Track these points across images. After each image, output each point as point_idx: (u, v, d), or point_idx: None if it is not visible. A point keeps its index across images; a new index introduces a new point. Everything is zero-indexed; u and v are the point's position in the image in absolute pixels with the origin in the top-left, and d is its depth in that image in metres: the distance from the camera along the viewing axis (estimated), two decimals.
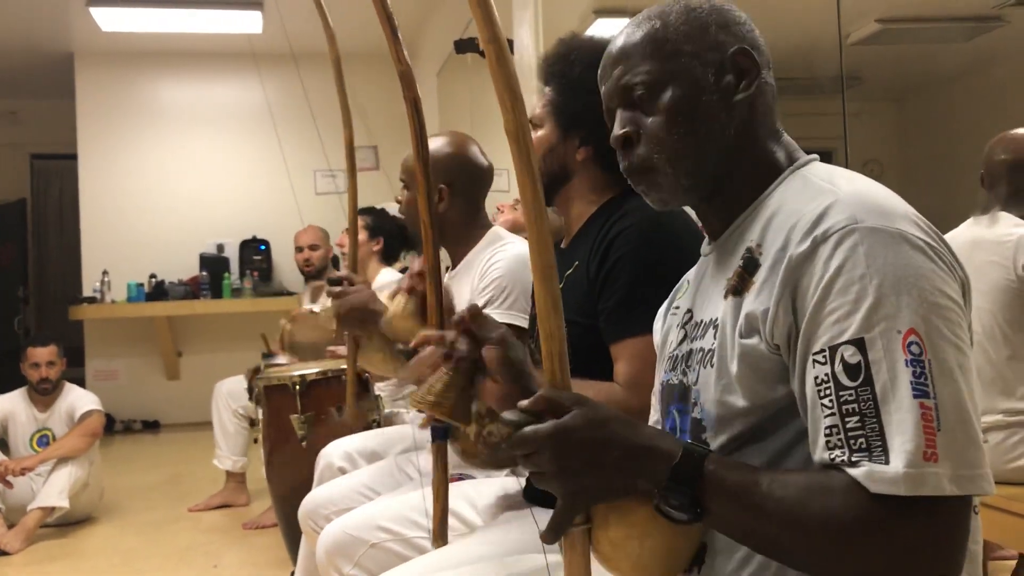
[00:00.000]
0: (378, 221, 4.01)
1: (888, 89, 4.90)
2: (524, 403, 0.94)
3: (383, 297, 1.97)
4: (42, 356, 4.26)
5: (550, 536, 0.94)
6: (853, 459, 0.82)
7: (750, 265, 0.96)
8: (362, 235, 3.47)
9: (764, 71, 1.06)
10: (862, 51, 4.41)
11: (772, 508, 0.85)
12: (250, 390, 3.60)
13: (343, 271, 2.18)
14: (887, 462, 0.80)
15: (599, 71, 1.14)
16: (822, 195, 0.92)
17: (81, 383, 5.68)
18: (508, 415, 0.94)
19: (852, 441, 0.82)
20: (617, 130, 1.07)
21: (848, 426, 0.83)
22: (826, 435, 0.84)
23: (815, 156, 1.07)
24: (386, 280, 3.52)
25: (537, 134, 1.66)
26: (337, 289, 2.06)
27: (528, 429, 0.91)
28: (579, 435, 0.90)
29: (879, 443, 0.81)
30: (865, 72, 4.46)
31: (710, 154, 1.04)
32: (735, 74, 1.04)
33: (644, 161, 1.05)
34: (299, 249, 4.65)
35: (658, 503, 0.89)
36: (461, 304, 2.12)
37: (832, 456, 0.84)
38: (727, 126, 1.04)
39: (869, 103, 4.69)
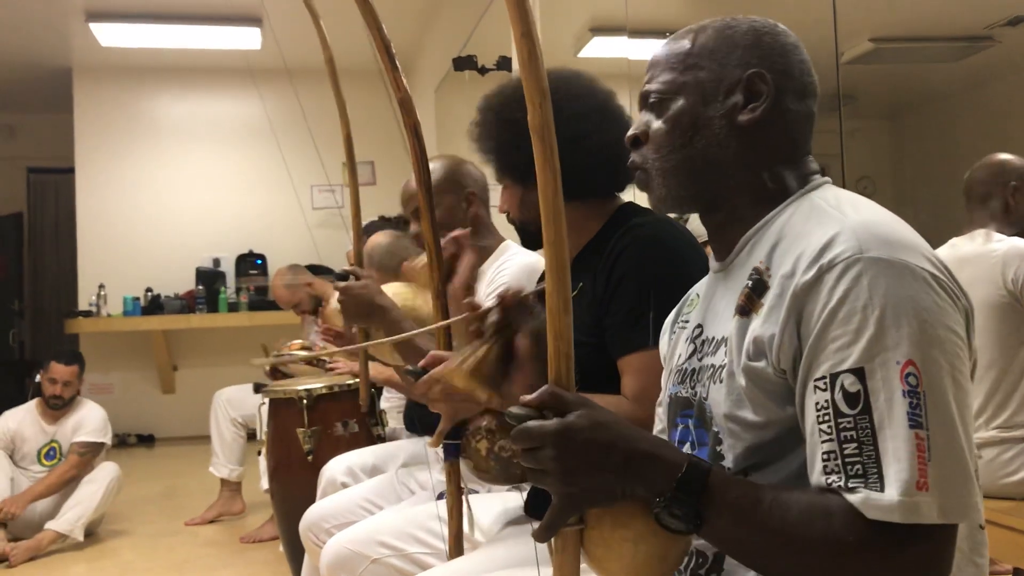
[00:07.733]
0: None
1: (882, 107, 4.94)
2: (529, 397, 0.92)
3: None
4: (61, 374, 4.24)
5: (541, 535, 0.93)
6: (850, 485, 0.84)
7: (758, 287, 0.98)
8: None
9: (789, 97, 1.06)
10: (856, 69, 4.44)
11: (774, 526, 0.87)
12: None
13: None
14: (882, 489, 0.82)
15: None
16: (829, 222, 0.93)
17: None
18: (513, 409, 0.92)
19: (849, 467, 0.85)
20: (631, 131, 1.12)
21: (845, 452, 0.85)
22: (823, 460, 0.87)
23: (827, 179, 1.08)
24: None
25: (504, 195, 1.74)
26: (343, 284, 2.06)
27: (533, 424, 0.90)
28: (583, 436, 0.89)
29: (875, 470, 0.83)
30: (859, 90, 4.49)
31: (704, 169, 1.06)
32: (744, 95, 1.05)
33: (643, 162, 1.11)
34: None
35: (658, 512, 0.89)
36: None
37: (829, 481, 0.86)
38: (726, 145, 1.05)
39: (864, 121, 4.72)
